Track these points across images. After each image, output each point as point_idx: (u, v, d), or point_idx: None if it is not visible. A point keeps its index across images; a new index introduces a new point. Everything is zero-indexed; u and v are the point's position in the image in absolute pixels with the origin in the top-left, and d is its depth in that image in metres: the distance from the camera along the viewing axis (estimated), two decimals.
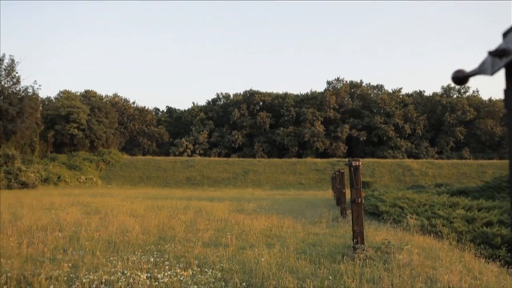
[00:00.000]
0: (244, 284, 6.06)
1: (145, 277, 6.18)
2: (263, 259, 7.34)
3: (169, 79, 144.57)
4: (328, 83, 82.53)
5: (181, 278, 6.25)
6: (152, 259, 7.44)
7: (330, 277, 6.40)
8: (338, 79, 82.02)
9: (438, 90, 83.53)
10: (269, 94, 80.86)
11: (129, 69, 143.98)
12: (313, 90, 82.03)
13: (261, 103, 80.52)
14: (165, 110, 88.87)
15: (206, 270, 6.79)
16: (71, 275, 6.42)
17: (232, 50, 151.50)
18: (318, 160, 62.08)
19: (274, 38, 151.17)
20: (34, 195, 26.71)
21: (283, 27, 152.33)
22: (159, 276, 6.30)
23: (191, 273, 6.56)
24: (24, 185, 39.17)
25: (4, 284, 5.83)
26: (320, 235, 10.81)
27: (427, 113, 77.60)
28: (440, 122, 76.41)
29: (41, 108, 58.09)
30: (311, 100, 79.30)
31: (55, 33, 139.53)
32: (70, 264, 7.04)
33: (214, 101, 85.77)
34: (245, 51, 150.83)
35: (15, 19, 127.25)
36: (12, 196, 26.14)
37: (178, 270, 6.67)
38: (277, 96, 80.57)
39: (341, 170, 19.60)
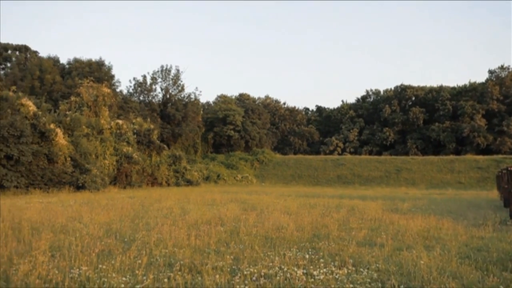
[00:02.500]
0: (402, 286, 5.87)
1: (301, 273, 6.36)
2: (422, 262, 7.01)
3: (318, 79, 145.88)
4: (490, 72, 74.70)
5: (337, 276, 6.30)
6: (307, 256, 7.62)
7: (501, 287, 5.85)
8: (502, 67, 73.74)
9: None
10: (422, 88, 76.29)
11: (280, 71, 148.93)
12: (472, 81, 75.20)
13: (413, 98, 76.39)
14: (314, 110, 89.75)
15: (361, 269, 6.73)
16: (233, 267, 6.91)
17: (381, 46, 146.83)
18: (480, 157, 56.71)
19: (425, 29, 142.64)
20: (198, 192, 29.20)
21: (434, 17, 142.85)
22: (314, 273, 6.43)
23: (346, 272, 6.57)
24: (189, 182, 43.06)
25: (178, 270, 6.53)
26: (486, 239, 9.90)
27: None
28: None
29: (201, 112, 63.35)
30: (469, 92, 72.70)
31: (210, 41, 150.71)
32: (232, 257, 7.58)
33: (363, 98, 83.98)
34: (393, 45, 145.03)
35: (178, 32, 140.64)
36: (180, 192, 28.95)
37: (333, 268, 6.73)
38: (431, 89, 75.61)
39: (509, 168, 17.67)
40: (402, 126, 73.87)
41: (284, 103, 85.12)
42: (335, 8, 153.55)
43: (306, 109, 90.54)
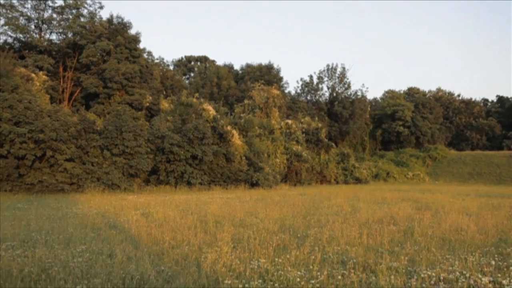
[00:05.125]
0: None
1: (487, 281, 5.85)
2: None
3: (499, 66, 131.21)
4: None
5: None
6: (493, 262, 6.96)
7: None
8: None
9: None
10: None
11: (452, 62, 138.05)
12: None
13: None
14: (495, 100, 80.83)
15: None
16: (409, 268, 6.68)
17: None
18: None
19: None
20: (367, 190, 28.74)
21: None
22: (504, 282, 5.86)
23: None
24: (357, 180, 42.63)
25: (351, 268, 6.56)
26: None
27: None
28: None
29: (369, 109, 62.14)
30: None
31: (376, 38, 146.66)
32: (407, 258, 7.32)
33: None
34: None
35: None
36: (349, 190, 28.87)
37: None
38: None
39: None
40: None
41: (459, 95, 78.42)
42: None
43: (485, 100, 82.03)
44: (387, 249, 8.10)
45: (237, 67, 61.83)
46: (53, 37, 40.84)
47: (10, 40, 38.88)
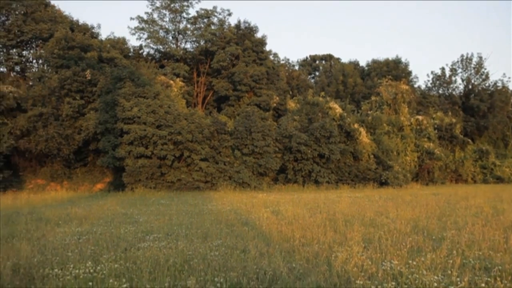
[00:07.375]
0: None
1: None
2: None
3: None
4: None
5: None
6: None
7: None
8: None
9: None
10: None
11: None
12: None
13: None
14: None
15: None
16: None
17: None
18: None
19: None
20: (511, 190, 26.18)
21: None
22: None
23: None
24: (499, 179, 39.00)
25: (497, 276, 6.05)
26: None
27: None
28: None
29: (511, 101, 56.32)
30: None
31: None
32: None
33: None
34: None
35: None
36: (489, 190, 26.54)
37: None
38: None
39: None
40: None
41: None
42: None
43: None
44: None
45: (362, 63, 60.46)
46: (188, 45, 44.05)
47: (152, 51, 42.94)
